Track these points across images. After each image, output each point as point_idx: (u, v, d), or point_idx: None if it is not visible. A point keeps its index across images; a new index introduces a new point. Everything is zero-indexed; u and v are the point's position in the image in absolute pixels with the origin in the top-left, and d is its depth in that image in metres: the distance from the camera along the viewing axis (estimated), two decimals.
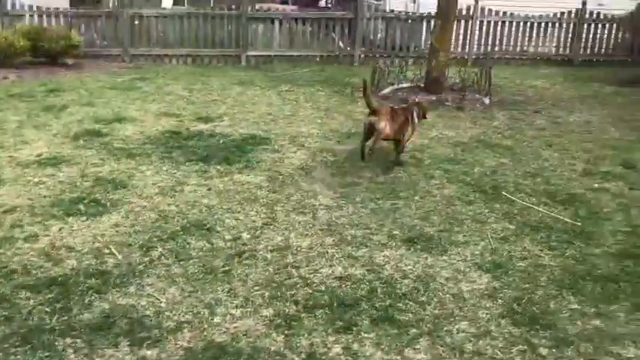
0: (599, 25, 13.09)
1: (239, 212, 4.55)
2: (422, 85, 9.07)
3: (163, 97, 8.50)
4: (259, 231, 4.24)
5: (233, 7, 12.36)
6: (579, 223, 4.53)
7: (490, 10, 12.99)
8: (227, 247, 4.00)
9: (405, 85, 9.06)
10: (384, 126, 5.45)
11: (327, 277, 3.63)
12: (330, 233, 4.23)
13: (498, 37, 13.14)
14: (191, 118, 7.30)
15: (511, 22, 13.10)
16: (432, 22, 10.39)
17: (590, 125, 7.62)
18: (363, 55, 12.74)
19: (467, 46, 13.06)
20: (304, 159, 5.92)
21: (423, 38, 12.69)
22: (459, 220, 4.56)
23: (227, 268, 3.71)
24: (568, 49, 13.29)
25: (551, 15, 13.00)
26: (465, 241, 4.22)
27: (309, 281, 3.58)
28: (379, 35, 13.17)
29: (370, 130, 5.53)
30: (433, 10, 9.89)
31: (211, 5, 16.42)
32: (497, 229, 4.41)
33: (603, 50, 13.31)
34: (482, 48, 13.10)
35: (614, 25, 13.06)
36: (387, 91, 8.97)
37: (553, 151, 6.43)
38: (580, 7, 12.86)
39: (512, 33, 13.15)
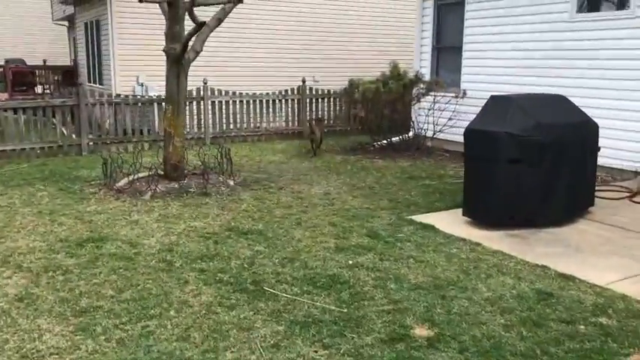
0: (319, 100, 14.21)
1: None
2: (161, 172, 8.46)
3: None
4: None
5: None
6: (345, 310, 4.36)
7: (220, 91, 13.16)
8: None
9: (142, 174, 8.33)
10: None
11: None
12: None
13: (232, 115, 13.32)
14: None
15: (241, 101, 13.42)
16: (163, 105, 9.96)
17: (331, 196, 7.88)
18: (91, 144, 11.67)
19: (202, 127, 12.93)
20: (24, 284, 4.78)
21: (157, 122, 12.20)
22: (223, 333, 4.00)
23: None
24: (297, 123, 14.08)
25: (277, 92, 13.71)
26: (234, 358, 3.67)
27: None
28: (108, 121, 12.24)
29: None
30: (162, 93, 9.48)
31: None
32: (267, 335, 3.97)
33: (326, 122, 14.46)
34: (217, 127, 13.11)
35: (332, 99, 14.32)
36: (122, 183, 8.14)
37: (304, 229, 6.36)
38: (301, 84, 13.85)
39: (245, 111, 13.46)
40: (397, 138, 12.12)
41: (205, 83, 12.91)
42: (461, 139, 11.09)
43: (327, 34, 16.73)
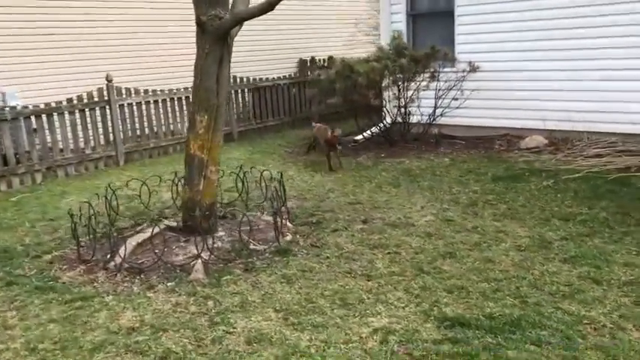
0: (264, 90, 11.18)
1: None
2: (174, 222, 5.10)
3: None
4: None
5: None
6: None
7: (129, 90, 9.48)
8: None
9: (138, 236, 4.89)
10: None
11: None
12: None
13: (146, 121, 9.69)
14: None
15: (156, 101, 9.86)
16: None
17: (482, 233, 5.38)
18: None
19: (111, 141, 9.17)
20: None
21: (25, 143, 8.16)
22: None
23: None
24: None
25: None
26: None
27: None
28: None
29: None
30: (21, 102, 5.90)
31: None
32: None
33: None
34: (129, 138, 9.40)
35: (278, 88, 11.40)
36: (117, 260, 4.65)
37: None
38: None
39: (163, 113, 9.92)
40: (376, 128, 9.81)
41: (110, 81, 9.10)
42: (473, 122, 9.45)
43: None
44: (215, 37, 4.68)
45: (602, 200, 5.86)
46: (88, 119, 8.92)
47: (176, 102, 10.14)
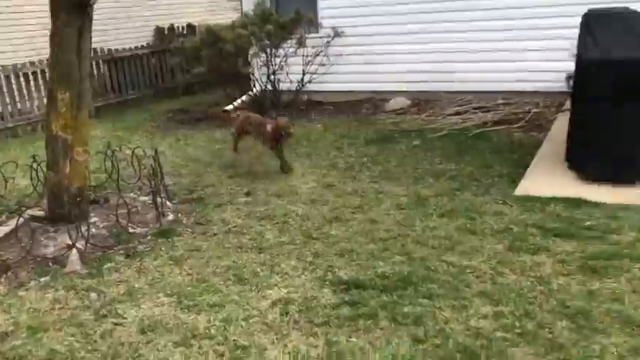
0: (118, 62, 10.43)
1: None
2: (41, 211, 4.66)
3: None
4: None
5: None
6: None
7: None
8: None
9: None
10: None
11: None
12: None
13: None
14: None
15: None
16: None
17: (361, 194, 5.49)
18: None
19: None
20: None
21: None
22: None
23: None
24: None
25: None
26: None
27: None
28: None
29: None
30: None
31: None
32: None
33: None
34: None
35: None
36: None
37: None
38: None
39: (8, 91, 8.96)
40: (246, 97, 9.67)
41: None
42: (340, 87, 9.53)
43: None
44: (70, 6, 4.21)
45: (467, 155, 6.27)
46: None
47: (22, 78, 9.16)
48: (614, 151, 4.93)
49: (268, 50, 8.77)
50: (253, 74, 9.45)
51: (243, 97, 9.66)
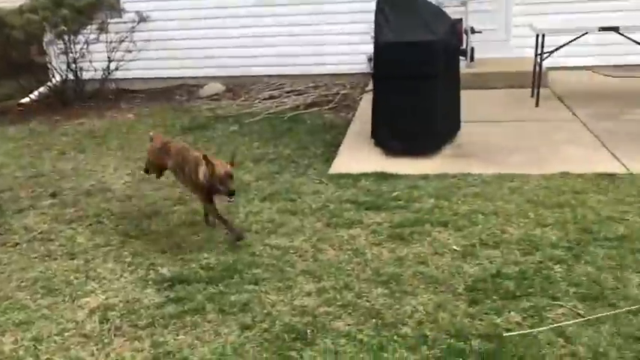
0: None
1: None
2: None
3: None
4: None
5: None
6: None
7: None
8: None
9: None
10: None
11: None
12: None
13: None
14: None
15: None
16: None
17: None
18: None
19: None
20: None
21: None
22: None
23: None
24: None
25: None
26: None
27: None
28: None
29: None
30: None
31: None
32: None
33: None
34: None
35: None
36: None
37: None
38: None
39: None
40: (44, 88, 8.87)
41: None
42: (151, 73, 8.95)
43: None
44: None
45: (284, 138, 6.43)
46: None
47: None
48: (402, 127, 5.40)
49: (66, 37, 8.06)
50: (51, 63, 8.63)
51: (42, 89, 8.80)
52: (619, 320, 2.97)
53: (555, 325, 2.97)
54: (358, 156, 5.58)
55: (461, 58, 6.38)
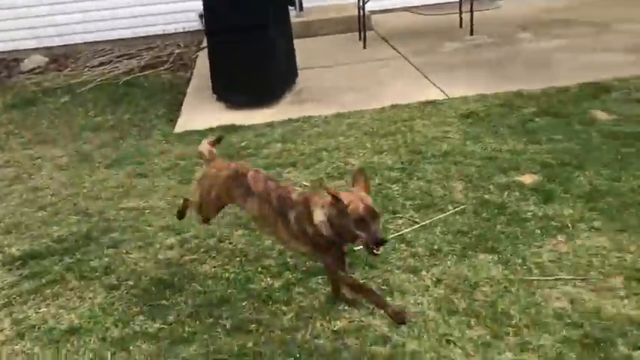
0: None
1: None
2: None
3: None
4: None
5: None
6: None
7: None
8: None
9: None
10: None
11: None
12: None
13: None
14: None
15: None
16: None
17: None
18: None
19: None
20: None
21: None
22: None
23: None
24: None
25: None
26: None
27: None
28: None
29: None
30: None
31: None
32: None
33: None
34: None
35: None
36: None
37: None
38: None
39: None
40: None
41: None
42: None
43: None
44: None
45: (122, 104, 6.22)
46: None
47: None
48: (240, 79, 5.52)
49: None
50: None
51: None
52: (448, 221, 3.43)
53: (397, 234, 3.36)
54: (202, 112, 5.61)
55: (290, 8, 6.56)
